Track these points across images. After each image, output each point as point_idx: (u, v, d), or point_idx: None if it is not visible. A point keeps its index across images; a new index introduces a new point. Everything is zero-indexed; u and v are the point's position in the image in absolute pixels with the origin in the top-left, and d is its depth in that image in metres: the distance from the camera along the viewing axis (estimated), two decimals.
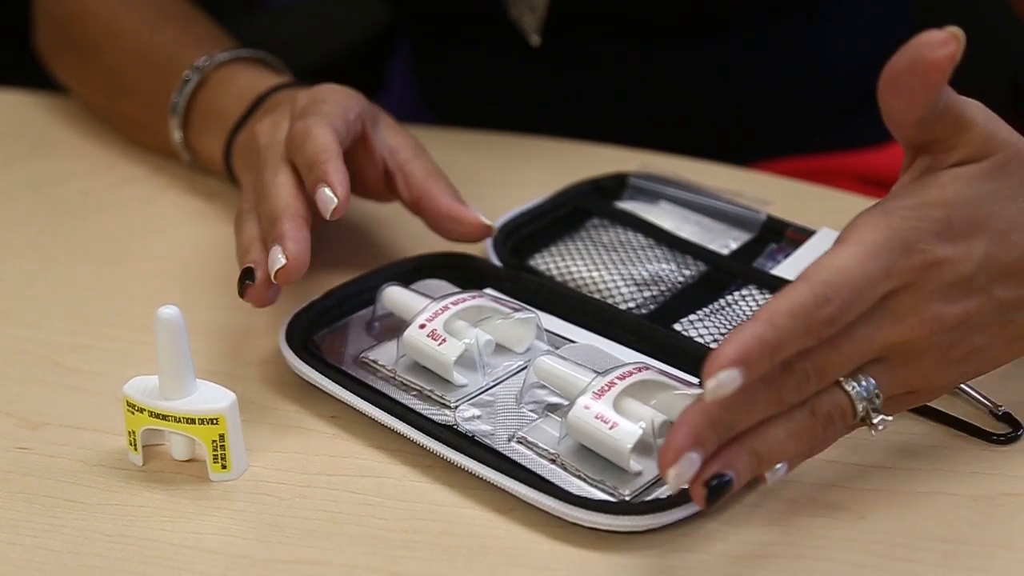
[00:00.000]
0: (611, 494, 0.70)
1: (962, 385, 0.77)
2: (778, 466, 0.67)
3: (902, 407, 0.71)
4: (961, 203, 0.68)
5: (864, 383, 0.68)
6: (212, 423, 0.72)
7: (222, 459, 0.73)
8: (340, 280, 0.85)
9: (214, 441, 0.73)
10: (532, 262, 0.89)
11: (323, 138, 0.81)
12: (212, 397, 0.73)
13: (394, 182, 0.88)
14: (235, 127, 0.94)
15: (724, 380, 0.62)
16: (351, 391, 0.76)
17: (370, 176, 0.88)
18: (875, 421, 0.68)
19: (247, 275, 0.79)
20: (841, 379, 0.67)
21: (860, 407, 0.68)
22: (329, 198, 0.79)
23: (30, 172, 1.06)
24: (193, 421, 0.72)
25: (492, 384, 0.77)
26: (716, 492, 0.64)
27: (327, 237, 0.92)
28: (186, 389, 0.73)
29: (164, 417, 0.73)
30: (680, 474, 0.63)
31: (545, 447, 0.73)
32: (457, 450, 0.72)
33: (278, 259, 0.77)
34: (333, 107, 0.84)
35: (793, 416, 0.67)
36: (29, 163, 1.07)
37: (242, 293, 0.79)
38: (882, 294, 0.66)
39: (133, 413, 0.73)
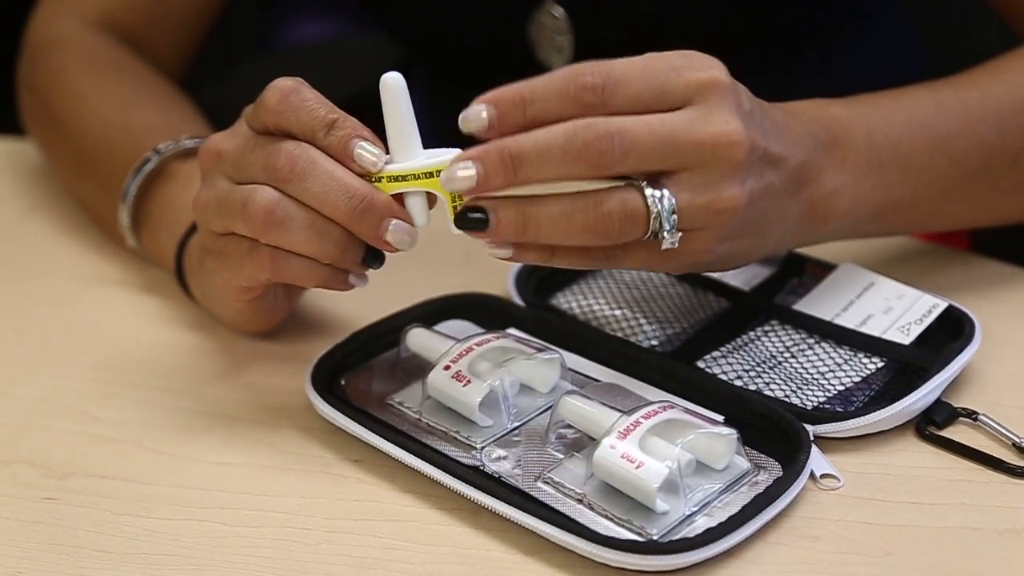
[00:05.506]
0: (638, 534, 0.70)
1: (982, 417, 0.77)
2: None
3: (697, 241, 0.73)
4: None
5: (665, 196, 0.71)
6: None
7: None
8: (364, 322, 0.86)
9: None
10: (554, 301, 0.89)
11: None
12: (438, 155, 0.76)
13: None
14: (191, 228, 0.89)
15: (471, 112, 0.72)
16: (377, 434, 0.77)
17: None
18: (665, 237, 0.71)
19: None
20: (642, 184, 0.71)
21: (654, 212, 0.71)
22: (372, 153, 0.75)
23: (53, 220, 1.06)
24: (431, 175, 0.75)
25: (517, 425, 0.78)
26: (470, 223, 0.71)
27: None
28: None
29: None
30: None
31: (571, 487, 0.73)
32: (483, 491, 0.72)
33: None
34: None
35: (578, 200, 0.70)
36: (52, 211, 1.07)
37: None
38: (675, 83, 0.71)
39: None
